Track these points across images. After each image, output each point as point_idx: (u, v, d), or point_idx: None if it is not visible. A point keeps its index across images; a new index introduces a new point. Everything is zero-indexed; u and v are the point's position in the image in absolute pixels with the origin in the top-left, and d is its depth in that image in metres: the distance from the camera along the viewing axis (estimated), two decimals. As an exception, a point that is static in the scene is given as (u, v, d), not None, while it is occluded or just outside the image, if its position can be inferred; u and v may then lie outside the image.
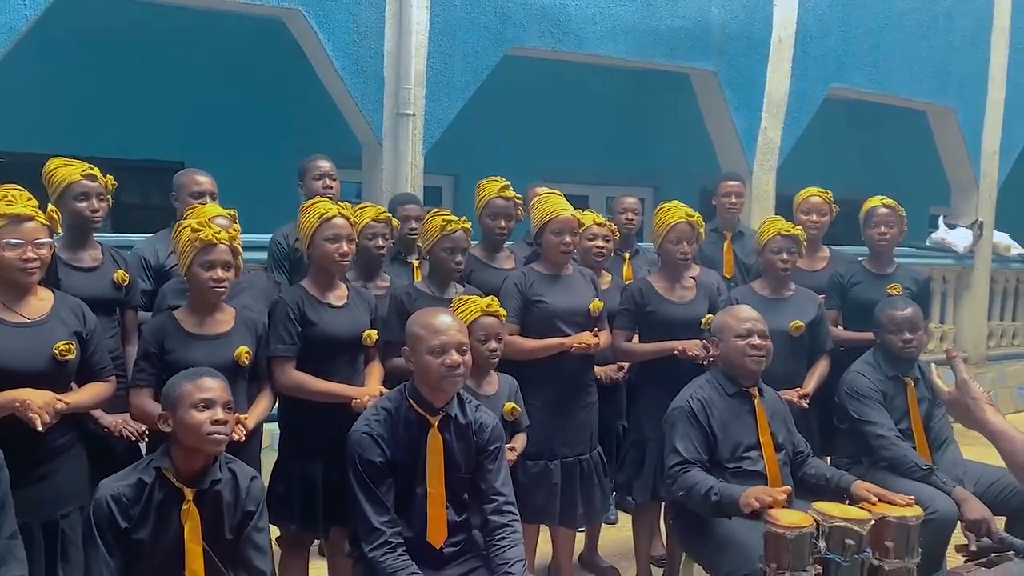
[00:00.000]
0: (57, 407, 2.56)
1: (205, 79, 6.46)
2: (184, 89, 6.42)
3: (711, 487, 2.88)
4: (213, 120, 6.45)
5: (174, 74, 6.40)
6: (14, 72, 4.66)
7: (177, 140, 6.29)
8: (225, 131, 6.41)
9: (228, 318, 2.96)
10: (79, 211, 3.15)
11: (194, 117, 6.40)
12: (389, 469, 2.50)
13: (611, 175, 8.22)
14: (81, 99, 6.13)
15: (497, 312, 3.14)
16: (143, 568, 2.20)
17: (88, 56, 6.16)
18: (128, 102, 6.27)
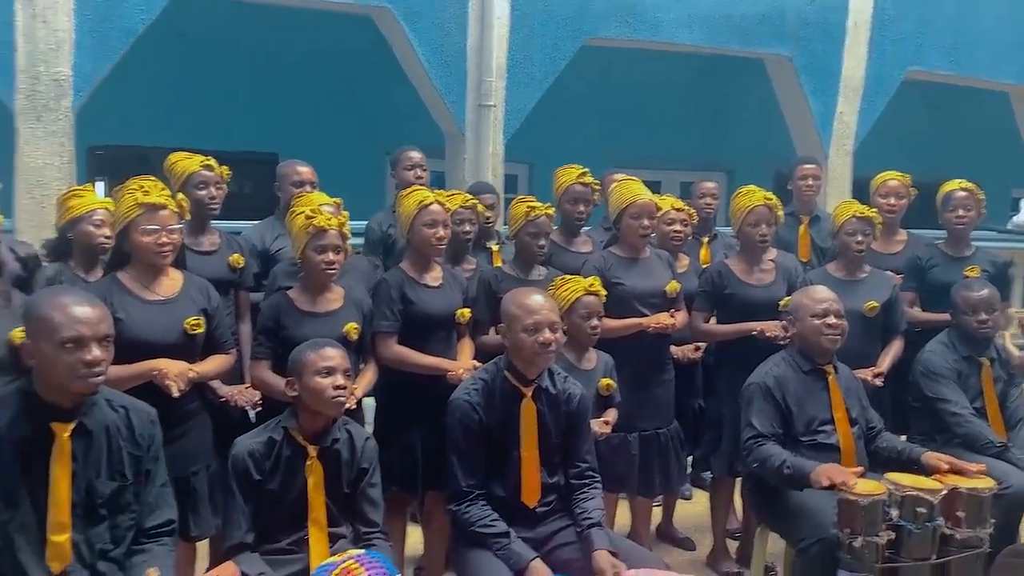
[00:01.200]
0: (189, 376, 2.83)
1: (297, 75, 6.79)
2: (278, 84, 6.76)
3: (784, 460, 3.02)
4: (305, 113, 6.77)
5: (268, 70, 6.75)
6: (126, 71, 5.03)
7: (271, 133, 6.64)
8: (316, 124, 6.74)
9: (338, 297, 3.22)
10: (199, 199, 3.44)
11: (287, 111, 6.74)
12: (484, 434, 2.72)
13: (685, 161, 8.31)
14: (182, 95, 6.54)
15: (598, 292, 3.32)
16: (272, 516, 2.47)
17: (190, 56, 6.56)
18: (226, 97, 6.64)
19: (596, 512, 2.71)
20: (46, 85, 4.54)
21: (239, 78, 6.66)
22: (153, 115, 6.31)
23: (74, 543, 2.10)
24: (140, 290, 2.89)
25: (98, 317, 2.12)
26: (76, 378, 2.07)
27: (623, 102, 7.89)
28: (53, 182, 4.47)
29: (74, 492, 2.11)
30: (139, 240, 2.86)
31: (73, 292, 2.23)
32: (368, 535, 2.53)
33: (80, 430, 2.14)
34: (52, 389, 2.10)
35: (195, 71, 6.56)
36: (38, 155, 4.55)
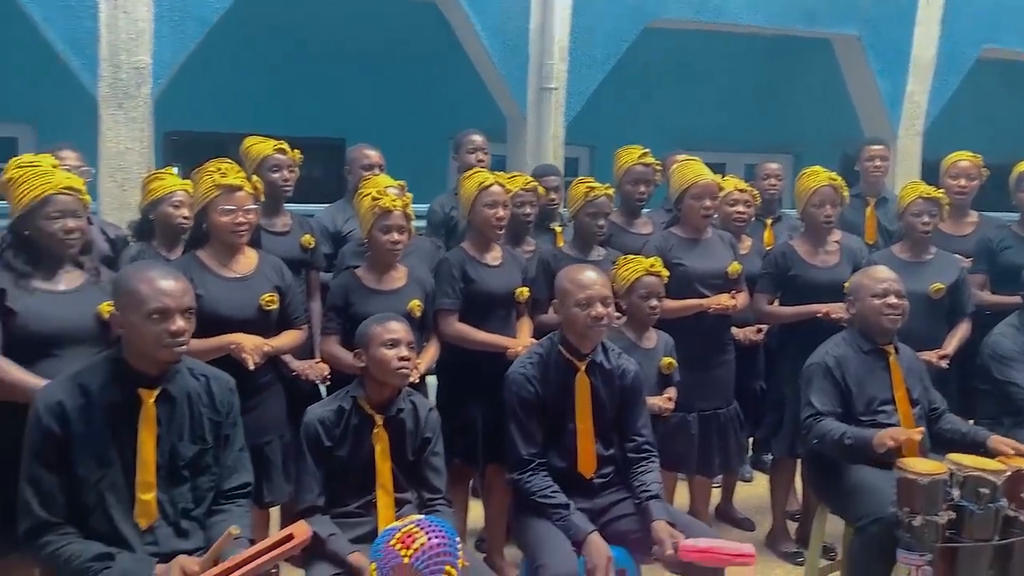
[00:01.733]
0: (264, 350, 2.97)
1: (364, 61, 6.93)
2: (345, 71, 6.91)
3: (844, 432, 3.02)
4: (371, 99, 6.92)
5: (336, 58, 6.90)
6: (201, 60, 5.22)
7: (339, 119, 6.81)
8: (381, 109, 6.88)
9: (402, 276, 3.33)
10: (272, 181, 3.57)
11: (354, 97, 6.88)
12: (540, 406, 2.80)
13: (749, 143, 8.23)
14: (254, 83, 6.74)
15: (659, 272, 3.37)
16: (342, 481, 2.60)
17: (261, 44, 6.75)
18: (295, 84, 6.82)
19: (654, 485, 2.77)
20: (127, 73, 4.75)
21: (308, 66, 6.83)
22: (226, 102, 6.52)
23: (159, 502, 2.25)
24: (218, 267, 3.04)
25: (181, 290, 2.25)
26: (161, 347, 2.21)
27: (686, 84, 7.84)
28: (134, 166, 4.68)
29: (159, 454, 2.25)
30: (217, 220, 3.01)
31: (159, 267, 2.38)
32: (432, 501, 2.64)
33: (164, 396, 2.28)
34: (139, 357, 2.24)
35: (266, 59, 6.75)
36: (120, 140, 4.77)
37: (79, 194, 2.69)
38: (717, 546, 2.59)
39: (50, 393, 2.20)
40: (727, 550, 2.55)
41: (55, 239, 2.61)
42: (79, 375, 2.23)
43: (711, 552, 2.55)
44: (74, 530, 2.17)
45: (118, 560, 2.14)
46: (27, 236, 2.63)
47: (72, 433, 2.16)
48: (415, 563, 2.17)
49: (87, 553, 2.13)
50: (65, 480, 2.16)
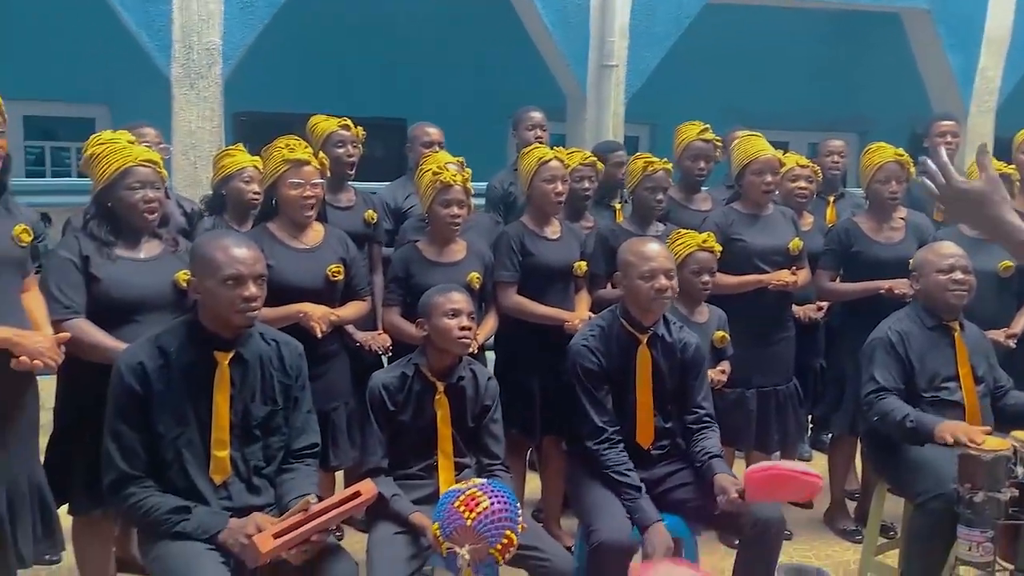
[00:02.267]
0: (331, 319, 3.08)
1: (425, 42, 7.00)
2: (405, 51, 7.00)
3: (907, 414, 2.99)
4: (431, 79, 7.00)
5: (396, 38, 7.00)
6: (266, 43, 5.36)
7: (399, 98, 6.91)
8: (442, 89, 6.95)
9: (461, 249, 3.40)
10: (337, 157, 3.66)
11: (415, 77, 6.97)
12: (604, 376, 2.84)
13: (813, 120, 8.10)
14: (318, 64, 6.87)
15: (712, 248, 3.38)
16: (405, 444, 2.69)
17: (326, 26, 6.87)
18: (357, 66, 6.94)
19: (715, 448, 2.79)
20: (199, 54, 4.90)
21: (370, 47, 6.94)
22: (291, 83, 6.67)
23: (232, 459, 2.36)
24: (287, 239, 3.15)
25: (254, 258, 2.35)
26: (235, 312, 2.31)
27: (749, 61, 7.74)
28: (205, 144, 4.84)
29: (232, 414, 2.36)
30: (286, 193, 3.12)
31: (234, 235, 2.49)
32: (491, 466, 2.71)
33: (238, 359, 2.39)
34: (214, 321, 2.36)
35: (330, 41, 6.88)
36: (192, 119, 4.93)
37: (156, 167, 2.81)
38: (781, 465, 2.58)
39: (132, 354, 2.33)
40: (793, 469, 2.54)
41: (135, 209, 2.74)
42: (158, 338, 2.36)
43: (777, 472, 2.54)
44: (153, 484, 2.29)
45: (195, 513, 2.26)
46: (109, 207, 2.76)
47: (152, 392, 2.29)
48: (477, 526, 2.25)
49: (166, 506, 2.25)
50: (145, 437, 2.29)
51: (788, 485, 2.55)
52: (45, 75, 6.32)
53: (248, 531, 2.19)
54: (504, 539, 2.25)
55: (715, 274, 3.40)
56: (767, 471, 2.56)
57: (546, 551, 2.48)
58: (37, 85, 6.25)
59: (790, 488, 2.56)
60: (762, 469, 2.57)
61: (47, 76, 6.33)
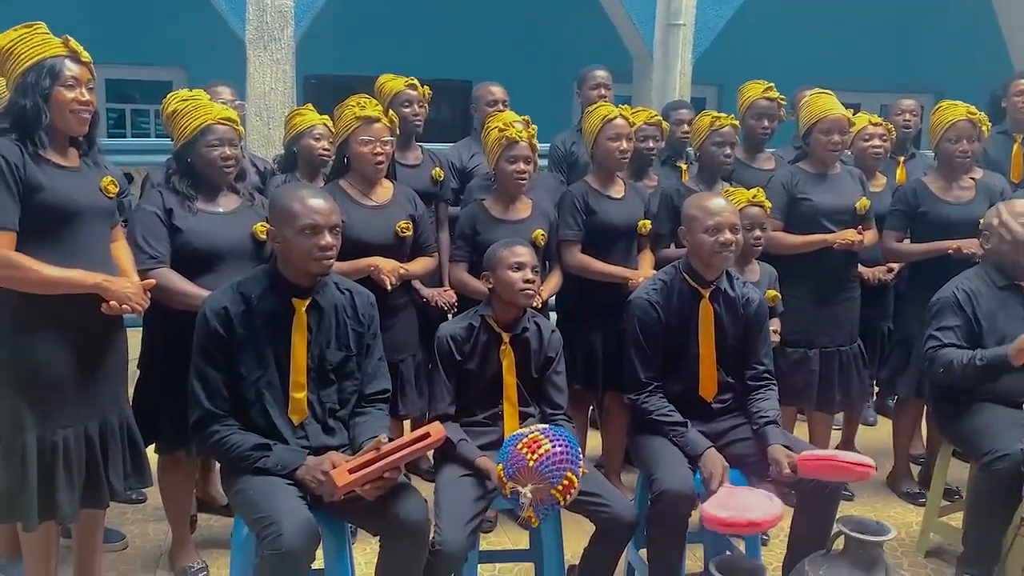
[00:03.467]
0: (400, 272, 3.19)
1: (489, 3, 7.00)
2: (471, 13, 7.02)
3: (973, 355, 2.97)
4: (497, 41, 7.01)
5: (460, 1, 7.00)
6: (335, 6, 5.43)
7: (466, 60, 6.94)
8: (507, 50, 6.96)
9: (527, 207, 3.46)
10: (404, 115, 3.74)
11: (481, 39, 6.99)
12: (663, 331, 2.87)
13: (887, 81, 7.88)
14: (384, 28, 6.95)
15: (762, 203, 3.37)
16: (471, 393, 2.77)
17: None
18: (423, 28, 6.99)
19: (772, 411, 2.80)
20: (272, 16, 5.01)
21: (435, 9, 6.97)
22: (358, 47, 6.77)
23: (309, 401, 2.48)
24: (358, 196, 3.25)
25: (329, 209, 2.45)
26: (312, 260, 2.42)
27: (819, 19, 7.55)
28: (278, 105, 4.97)
29: (309, 358, 2.47)
30: (357, 150, 3.21)
31: (310, 187, 2.59)
32: (554, 416, 2.78)
33: (314, 306, 2.49)
34: (292, 269, 2.46)
35: (397, 4, 6.93)
36: (265, 80, 5.06)
37: (234, 124, 2.92)
38: (836, 455, 2.59)
39: (216, 299, 2.45)
40: (846, 459, 2.55)
41: (214, 165, 2.86)
42: (240, 285, 2.48)
43: (830, 461, 2.56)
44: (236, 422, 2.42)
45: (275, 450, 2.38)
46: (189, 163, 2.89)
47: (235, 335, 2.41)
48: (539, 467, 2.33)
49: (247, 443, 2.38)
50: (228, 378, 2.42)
51: (840, 473, 2.57)
52: (124, 39, 6.51)
53: (324, 467, 2.31)
54: (565, 480, 2.33)
55: (766, 230, 3.39)
56: (821, 459, 2.57)
57: (607, 497, 2.55)
58: (117, 49, 6.45)
59: (842, 475, 2.58)
60: (816, 457, 2.58)
61: (126, 40, 6.53)
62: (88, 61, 2.48)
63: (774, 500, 2.51)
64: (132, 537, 3.38)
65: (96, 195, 2.53)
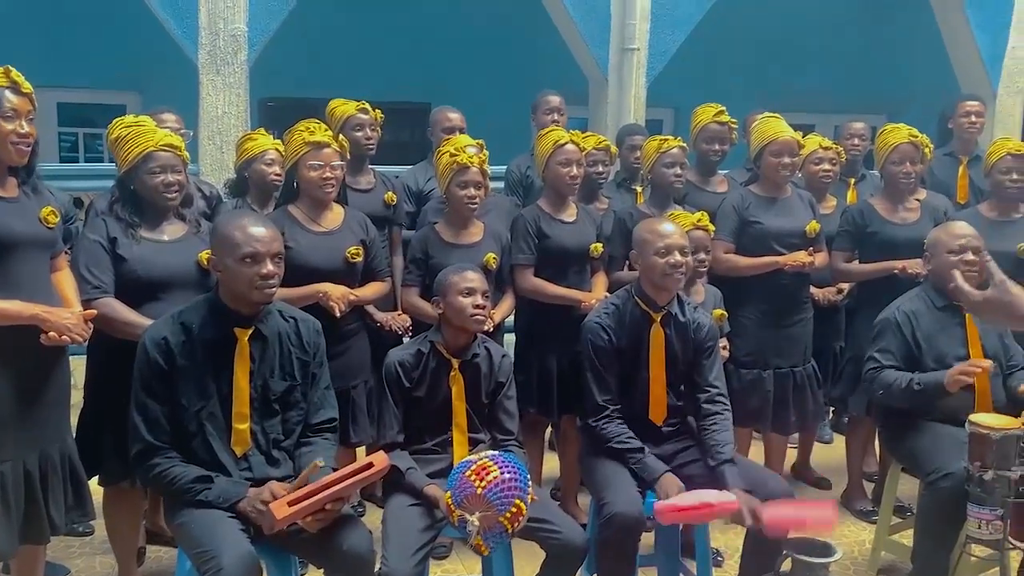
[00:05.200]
0: (350, 299, 3.16)
1: (448, 28, 7.03)
2: (430, 38, 7.04)
3: (911, 378, 3.02)
4: (456, 64, 7.03)
5: (421, 25, 7.03)
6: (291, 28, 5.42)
7: (424, 83, 6.95)
8: (466, 73, 6.98)
9: (479, 231, 3.46)
10: (356, 139, 3.72)
11: (439, 62, 7.01)
12: (615, 354, 2.89)
13: (839, 103, 8.01)
14: (344, 50, 6.93)
15: (707, 227, 3.41)
16: (420, 420, 2.75)
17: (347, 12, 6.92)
18: (382, 51, 6.99)
19: (727, 448, 2.80)
20: (225, 40, 4.98)
21: (394, 31, 6.98)
22: (317, 69, 6.74)
23: (252, 432, 2.44)
24: (308, 222, 3.22)
25: (271, 237, 2.43)
26: (253, 289, 2.39)
27: (774, 43, 7.67)
28: (231, 130, 4.93)
29: (252, 388, 2.44)
30: (306, 175, 3.19)
31: (251, 215, 2.57)
32: (504, 442, 2.77)
33: (257, 335, 2.46)
34: (234, 298, 2.43)
35: (355, 26, 6.93)
36: (218, 105, 5.02)
37: (177, 151, 2.89)
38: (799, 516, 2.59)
39: (156, 330, 2.42)
40: (810, 517, 2.57)
41: (157, 192, 2.83)
42: (181, 314, 2.44)
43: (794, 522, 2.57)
44: (177, 454, 2.38)
45: (216, 483, 2.35)
46: (133, 190, 2.86)
47: (176, 366, 2.37)
48: (487, 494, 2.32)
49: (189, 475, 2.34)
50: (169, 409, 2.38)
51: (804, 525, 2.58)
52: (78, 62, 6.44)
53: (264, 498, 2.27)
54: (513, 508, 2.32)
55: (708, 253, 3.44)
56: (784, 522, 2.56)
57: (557, 524, 2.54)
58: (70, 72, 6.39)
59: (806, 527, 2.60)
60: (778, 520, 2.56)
61: (80, 63, 6.46)
62: (29, 92, 2.45)
63: (726, 493, 2.56)
64: (78, 571, 3.30)
65: (35, 225, 2.49)
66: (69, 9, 6.37)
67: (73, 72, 6.41)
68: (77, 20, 6.42)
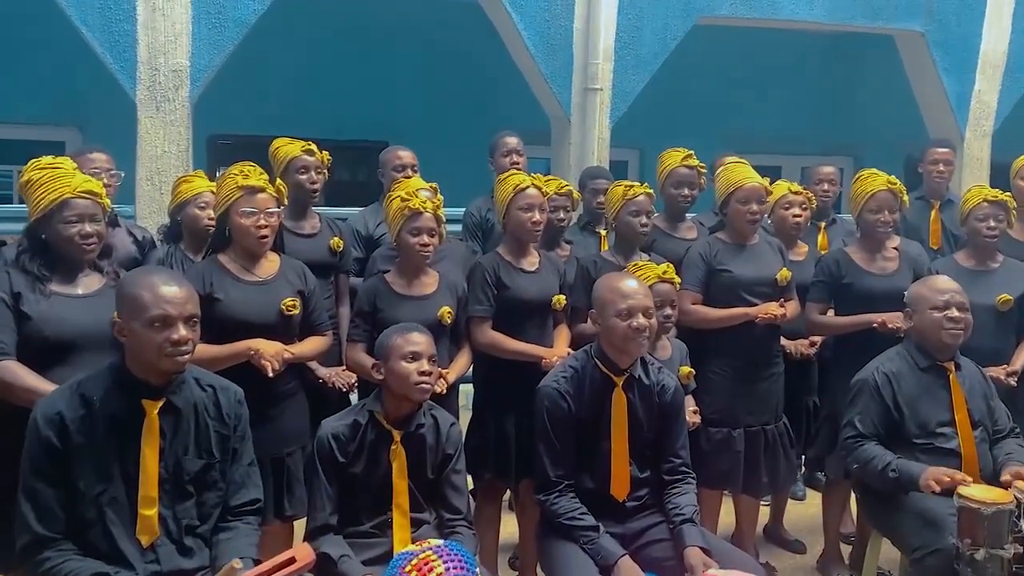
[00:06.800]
0: (285, 356, 2.87)
1: (408, 64, 6.89)
2: (389, 74, 6.88)
3: (888, 463, 2.83)
4: (414, 102, 6.87)
5: (380, 61, 6.87)
6: (240, 63, 5.19)
7: (382, 121, 6.75)
8: (425, 112, 6.81)
9: (432, 281, 3.22)
10: (300, 183, 3.49)
11: (396, 99, 6.84)
12: (574, 424, 2.65)
13: (806, 144, 7.97)
14: (298, 87, 6.72)
15: (672, 279, 3.23)
16: (356, 500, 2.48)
17: (303, 47, 6.73)
18: (339, 88, 6.79)
19: (688, 508, 2.60)
20: (165, 76, 4.74)
21: (352, 68, 6.80)
22: (270, 105, 6.52)
23: (162, 518, 2.16)
24: (239, 271, 2.96)
25: (184, 297, 2.16)
26: (163, 356, 2.12)
27: (740, 83, 7.62)
28: (172, 169, 4.67)
29: (162, 468, 2.16)
30: (238, 222, 2.93)
31: (162, 272, 2.29)
32: (452, 522, 2.51)
33: (169, 407, 2.19)
34: (141, 367, 2.16)
35: (310, 62, 6.75)
36: (158, 143, 4.76)
37: (97, 198, 2.64)
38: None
39: (49, 403, 2.13)
40: None
41: (72, 243, 2.57)
42: (81, 384, 2.16)
43: None
44: (72, 547, 2.09)
45: (118, 581, 2.05)
46: (44, 240, 2.59)
47: (71, 445, 2.09)
48: (430, 593, 2.04)
49: (85, 572, 2.05)
50: (64, 494, 2.09)
51: None
52: (15, 96, 6.16)
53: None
54: (459, 608, 2.04)
55: (675, 307, 3.24)
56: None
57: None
58: (6, 107, 6.09)
59: None
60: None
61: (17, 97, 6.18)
62: None
63: None
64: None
65: None
66: (5, 40, 6.08)
67: (9, 107, 6.11)
68: (14, 52, 6.14)
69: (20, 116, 6.28)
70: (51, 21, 4.82)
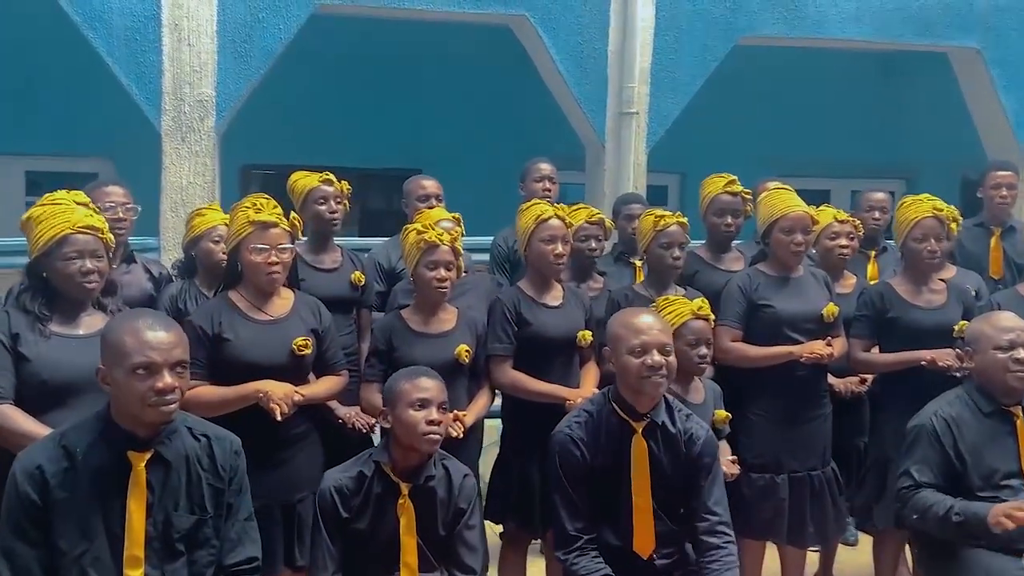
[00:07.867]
0: (295, 399, 2.73)
1: (438, 90, 6.80)
2: (419, 100, 6.80)
3: (951, 506, 2.59)
4: (446, 129, 6.78)
5: (410, 87, 6.80)
6: (269, 91, 5.14)
7: (413, 148, 6.65)
8: (457, 139, 6.71)
9: (451, 317, 3.06)
10: (319, 214, 3.38)
11: (429, 126, 6.75)
12: (589, 473, 2.47)
13: (856, 167, 7.67)
14: (329, 115, 6.67)
15: (707, 316, 3.02)
16: (361, 557, 2.32)
17: (332, 75, 6.68)
18: (370, 116, 6.73)
19: None
20: (191, 106, 4.70)
21: (382, 96, 6.74)
22: (302, 134, 6.48)
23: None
24: (249, 309, 2.84)
25: (171, 343, 2.02)
26: (146, 406, 1.99)
27: (786, 104, 7.37)
28: (197, 200, 4.62)
29: (150, 525, 2.02)
30: (249, 259, 2.82)
31: (149, 316, 2.16)
32: (464, 583, 2.32)
33: (157, 460, 2.05)
34: (127, 417, 2.03)
35: (340, 90, 6.71)
36: (183, 174, 4.72)
37: (99, 233, 2.53)
38: None
39: (30, 456, 2.01)
40: None
41: (72, 281, 2.48)
42: (64, 436, 2.04)
43: None
44: (52, 611, 1.95)
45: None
46: (44, 278, 2.49)
47: (52, 501, 1.96)
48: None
49: (64, 639, 1.90)
50: (43, 554, 1.96)
51: None
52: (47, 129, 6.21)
53: None
54: None
55: (711, 345, 3.03)
56: None
57: None
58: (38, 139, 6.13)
59: None
60: None
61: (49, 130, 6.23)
62: None
63: None
64: None
65: None
66: (36, 74, 6.15)
67: (41, 139, 6.15)
68: (45, 85, 6.22)
69: (51, 148, 6.34)
70: (82, 54, 4.82)
